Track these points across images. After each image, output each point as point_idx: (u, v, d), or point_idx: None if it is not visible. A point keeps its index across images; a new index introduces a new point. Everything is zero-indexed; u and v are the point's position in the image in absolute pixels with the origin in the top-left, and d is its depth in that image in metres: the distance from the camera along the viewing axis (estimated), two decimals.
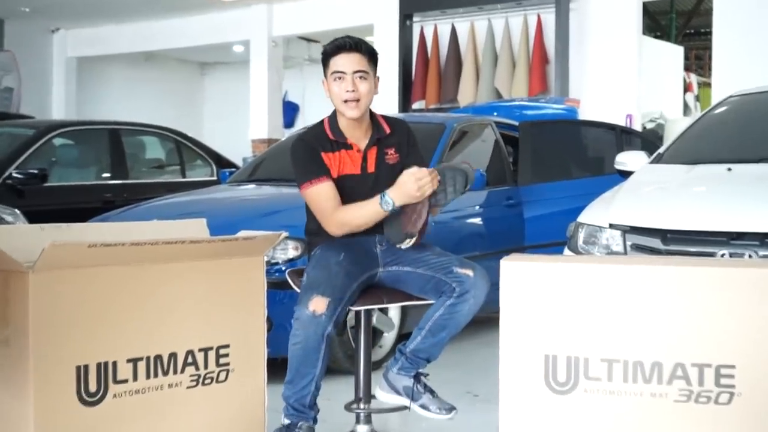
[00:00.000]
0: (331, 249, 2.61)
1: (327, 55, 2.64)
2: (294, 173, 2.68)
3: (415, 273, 2.62)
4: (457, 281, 2.54)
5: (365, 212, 2.57)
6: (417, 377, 2.66)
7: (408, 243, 2.58)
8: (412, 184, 2.49)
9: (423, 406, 2.64)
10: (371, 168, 2.69)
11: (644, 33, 8.91)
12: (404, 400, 2.64)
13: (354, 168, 2.66)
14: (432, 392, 2.66)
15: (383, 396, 2.67)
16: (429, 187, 2.50)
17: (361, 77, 2.60)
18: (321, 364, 2.49)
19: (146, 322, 2.24)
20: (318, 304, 2.42)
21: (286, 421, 2.55)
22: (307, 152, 2.64)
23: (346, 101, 2.60)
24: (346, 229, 2.61)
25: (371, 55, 2.65)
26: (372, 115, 2.74)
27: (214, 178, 6.16)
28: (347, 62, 2.60)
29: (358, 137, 2.68)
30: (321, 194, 2.59)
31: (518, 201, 4.84)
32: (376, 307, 2.69)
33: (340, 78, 2.60)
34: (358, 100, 2.60)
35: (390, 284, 2.68)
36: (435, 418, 2.64)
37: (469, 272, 2.55)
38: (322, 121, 2.72)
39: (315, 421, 2.58)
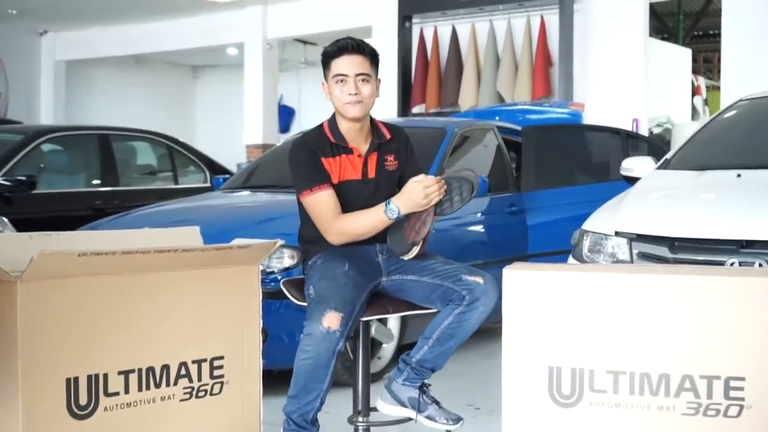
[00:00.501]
0: (335, 259, 2.56)
1: (328, 57, 2.60)
2: (293, 179, 2.63)
3: (420, 282, 2.58)
4: (466, 289, 2.50)
5: (368, 221, 2.53)
6: (422, 388, 2.61)
7: (413, 253, 2.54)
8: (419, 192, 2.46)
9: (429, 417, 2.59)
10: (372, 174, 2.65)
11: (651, 35, 8.86)
12: (409, 412, 2.60)
13: (355, 173, 2.62)
14: (437, 403, 2.62)
15: (386, 408, 2.63)
16: (436, 195, 2.47)
17: (363, 80, 2.57)
18: (329, 380, 2.45)
19: (138, 333, 2.21)
20: (332, 320, 2.38)
21: None
22: (307, 157, 2.60)
23: (348, 102, 2.56)
24: (348, 238, 2.56)
25: (373, 57, 2.62)
26: (371, 120, 2.70)
27: (208, 184, 6.11)
28: (349, 65, 2.56)
29: (359, 142, 2.65)
30: (322, 202, 2.55)
31: (521, 208, 4.80)
32: (380, 317, 2.64)
33: (342, 81, 2.56)
34: (360, 102, 2.56)
35: (393, 294, 2.64)
36: (442, 429, 2.59)
37: (479, 280, 2.51)
38: (321, 125, 2.68)
39: None
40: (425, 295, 2.58)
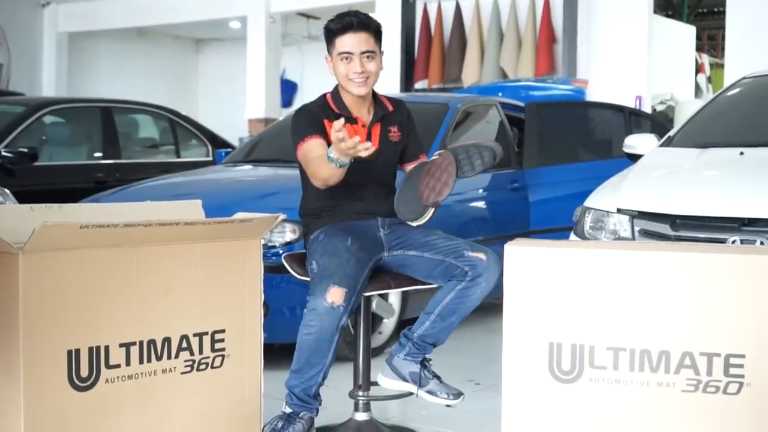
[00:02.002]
0: (337, 234, 2.56)
1: (332, 33, 2.58)
2: (292, 141, 2.62)
3: (422, 257, 2.58)
4: (469, 265, 2.50)
5: (322, 166, 2.44)
6: (423, 363, 2.62)
7: (425, 218, 2.51)
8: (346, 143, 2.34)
9: (430, 392, 2.60)
10: (375, 144, 2.64)
11: (655, 11, 8.78)
12: (410, 387, 2.61)
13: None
14: (438, 378, 2.63)
15: (387, 382, 2.64)
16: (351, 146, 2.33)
17: (368, 57, 2.56)
18: (331, 354, 2.46)
19: (139, 305, 2.21)
20: (335, 296, 2.38)
21: (288, 410, 2.51)
22: (307, 117, 2.60)
23: (354, 80, 2.56)
24: (320, 184, 2.50)
25: (377, 32, 2.61)
26: (373, 92, 2.69)
27: (210, 158, 6.11)
28: (355, 42, 2.55)
29: (362, 113, 2.66)
30: (310, 149, 2.53)
31: (523, 184, 4.79)
32: (382, 292, 2.64)
33: (347, 58, 2.55)
34: (366, 80, 2.57)
35: (395, 268, 2.64)
36: (442, 403, 2.61)
37: (482, 256, 2.51)
38: (324, 96, 2.68)
39: (317, 412, 2.55)
40: (427, 270, 2.58)
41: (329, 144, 2.52)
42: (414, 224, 2.55)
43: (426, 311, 2.57)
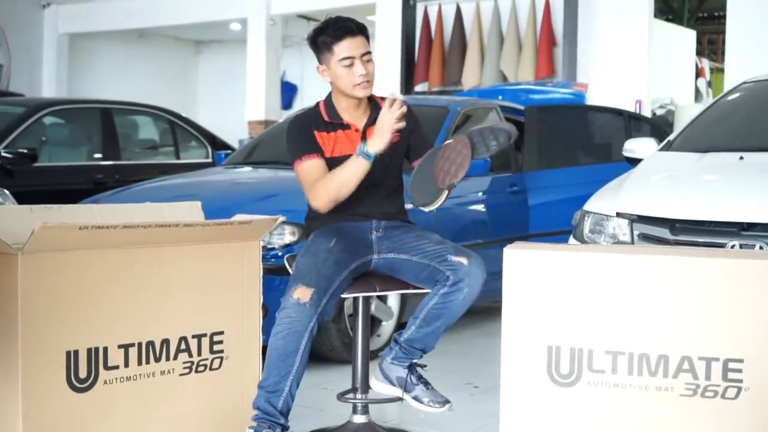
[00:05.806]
0: (324, 235, 2.55)
1: (329, 41, 2.58)
2: (288, 155, 2.63)
3: (410, 261, 2.56)
4: (451, 270, 2.47)
5: (343, 168, 2.49)
6: (411, 368, 2.60)
7: (440, 201, 2.45)
8: (383, 115, 2.45)
9: (416, 398, 2.57)
10: None
11: (655, 15, 8.78)
12: (397, 391, 2.58)
13: (352, 149, 2.61)
14: (426, 384, 2.60)
15: (378, 386, 2.63)
16: (398, 108, 2.45)
17: (368, 60, 2.58)
18: (299, 360, 2.34)
19: (138, 307, 2.21)
20: (302, 294, 2.35)
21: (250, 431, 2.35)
22: (299, 132, 2.61)
23: (358, 84, 2.56)
24: (330, 196, 2.51)
25: (368, 35, 2.64)
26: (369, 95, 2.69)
27: (209, 160, 6.09)
28: (355, 46, 2.57)
29: (357, 117, 2.65)
30: (307, 169, 2.54)
31: (522, 188, 4.79)
32: (366, 294, 2.62)
33: (350, 64, 2.56)
34: (369, 82, 2.58)
35: (385, 272, 2.62)
36: (428, 411, 2.57)
37: (463, 260, 2.47)
38: (317, 104, 2.69)
39: (284, 429, 2.37)
40: (415, 274, 2.56)
41: (324, 157, 2.54)
42: (426, 209, 2.48)
43: (413, 315, 2.54)
